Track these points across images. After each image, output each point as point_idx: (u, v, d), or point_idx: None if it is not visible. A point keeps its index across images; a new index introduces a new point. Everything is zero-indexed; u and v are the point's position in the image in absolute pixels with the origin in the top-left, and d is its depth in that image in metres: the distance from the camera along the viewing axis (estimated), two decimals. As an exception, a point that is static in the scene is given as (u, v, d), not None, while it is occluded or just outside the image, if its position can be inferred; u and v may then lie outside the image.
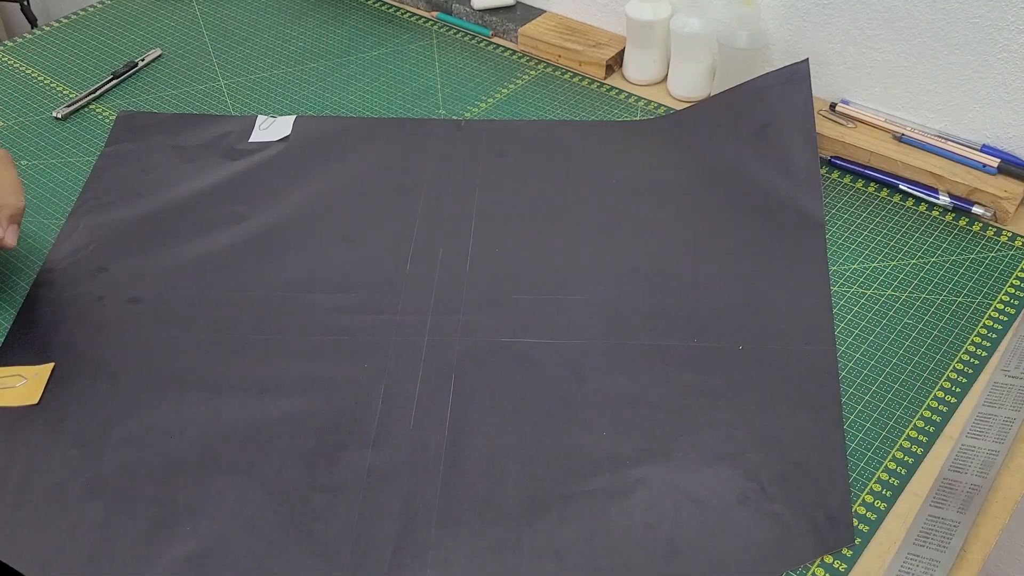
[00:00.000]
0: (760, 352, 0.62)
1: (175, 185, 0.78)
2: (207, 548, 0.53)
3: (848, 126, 0.78)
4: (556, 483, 0.55)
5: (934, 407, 0.59)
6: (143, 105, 0.89)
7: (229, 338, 0.65)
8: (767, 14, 0.81)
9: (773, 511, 0.53)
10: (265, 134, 0.83)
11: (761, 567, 0.51)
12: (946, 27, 0.72)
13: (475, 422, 0.59)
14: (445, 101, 0.87)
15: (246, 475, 0.56)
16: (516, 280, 0.68)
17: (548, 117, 0.84)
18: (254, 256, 0.71)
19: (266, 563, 0.52)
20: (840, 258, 0.69)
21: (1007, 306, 0.65)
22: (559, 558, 0.52)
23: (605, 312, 0.65)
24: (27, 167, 0.82)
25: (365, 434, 0.58)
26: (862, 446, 0.57)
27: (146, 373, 0.63)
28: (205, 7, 1.04)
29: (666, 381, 0.60)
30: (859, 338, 0.63)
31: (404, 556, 0.52)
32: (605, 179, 0.76)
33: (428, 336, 0.64)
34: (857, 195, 0.75)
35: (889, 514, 0.54)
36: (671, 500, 0.54)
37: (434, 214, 0.74)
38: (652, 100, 0.86)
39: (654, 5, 0.83)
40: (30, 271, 0.71)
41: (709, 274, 0.68)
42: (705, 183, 0.75)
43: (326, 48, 0.96)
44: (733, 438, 0.57)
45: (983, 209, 0.71)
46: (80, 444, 0.59)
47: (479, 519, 0.54)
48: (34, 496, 0.56)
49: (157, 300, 0.68)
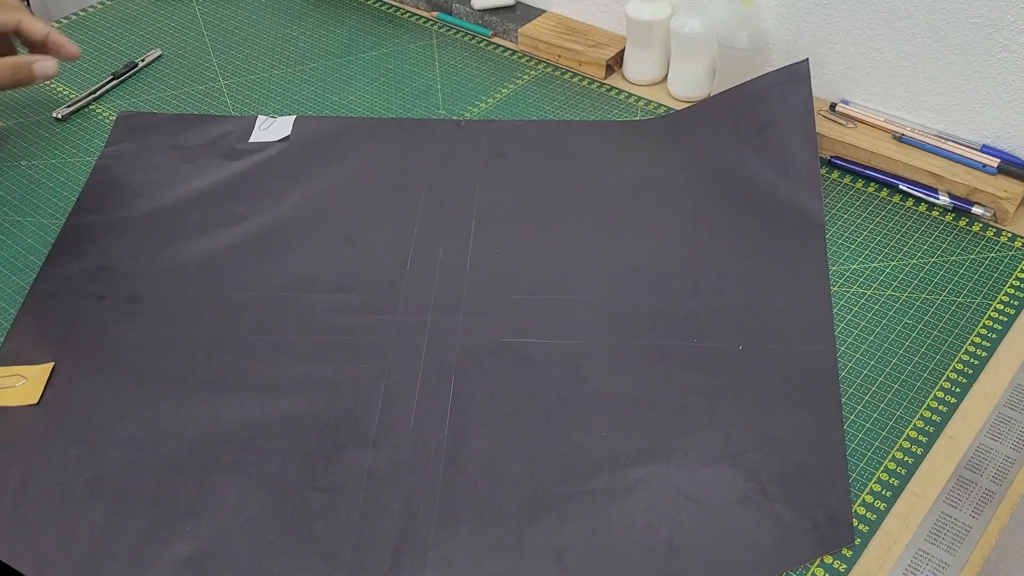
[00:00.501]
0: (760, 352, 0.62)
1: (175, 185, 0.78)
2: (207, 548, 0.53)
3: (848, 126, 0.78)
4: (556, 483, 0.55)
5: (934, 407, 0.59)
6: (143, 105, 0.89)
7: (229, 338, 0.65)
8: (767, 14, 0.81)
9: (773, 511, 0.53)
10: (265, 134, 0.83)
11: (761, 567, 0.51)
12: (946, 27, 0.72)
13: (475, 422, 0.59)
14: (445, 101, 0.87)
15: (246, 475, 0.56)
16: (516, 280, 0.68)
17: (548, 117, 0.84)
18: (254, 256, 0.71)
19: (266, 563, 0.52)
20: (840, 258, 0.69)
21: (1007, 306, 0.65)
22: (559, 558, 0.52)
23: (605, 312, 0.65)
24: (27, 167, 0.82)
25: (365, 434, 0.58)
26: (862, 446, 0.57)
27: (146, 373, 0.63)
28: (205, 7, 1.05)
29: (666, 381, 0.60)
30: (859, 338, 0.63)
31: (404, 556, 0.52)
32: (605, 179, 0.76)
33: (428, 336, 0.64)
34: (857, 195, 0.75)
35: (889, 514, 0.54)
36: (671, 500, 0.54)
37: (434, 214, 0.74)
38: (652, 100, 0.86)
39: (654, 5, 0.83)
40: (30, 271, 0.71)
41: (709, 274, 0.68)
42: (705, 183, 0.75)
43: (326, 48, 0.96)
44: (733, 438, 0.57)
45: (983, 209, 0.71)
46: (80, 444, 0.59)
47: (479, 519, 0.54)
48: (34, 496, 0.56)
49: (157, 300, 0.68)
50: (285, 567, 0.52)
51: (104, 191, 0.78)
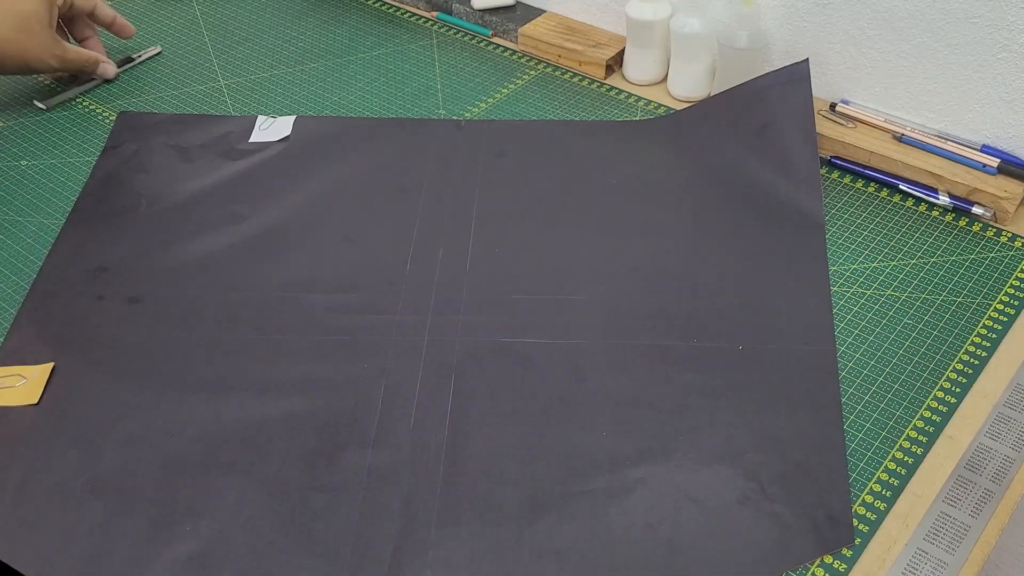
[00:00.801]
0: (760, 352, 0.62)
1: (175, 185, 0.78)
2: (207, 548, 0.53)
3: (848, 126, 0.78)
4: (556, 483, 0.55)
5: (934, 407, 0.59)
6: (143, 105, 0.89)
7: (229, 338, 0.65)
8: (767, 14, 0.81)
9: (773, 511, 0.53)
10: (265, 134, 0.83)
11: (761, 567, 0.51)
12: (946, 27, 0.72)
13: (475, 422, 0.59)
14: (445, 101, 0.87)
15: (246, 475, 0.56)
16: (516, 280, 0.68)
17: (548, 117, 0.84)
18: (254, 256, 0.71)
19: (266, 563, 0.52)
20: (840, 258, 0.69)
21: (1007, 306, 0.65)
22: (559, 558, 0.52)
23: (605, 312, 0.65)
24: (27, 167, 0.82)
25: (365, 434, 0.58)
26: (862, 446, 0.57)
27: (146, 373, 0.63)
28: (205, 7, 1.05)
29: (666, 381, 0.60)
30: (859, 338, 0.63)
31: (404, 556, 0.52)
32: (605, 179, 0.76)
33: (428, 336, 0.64)
34: (857, 195, 0.75)
35: (889, 514, 0.54)
36: (671, 500, 0.54)
37: (434, 214, 0.74)
38: (652, 100, 0.86)
39: (654, 5, 0.84)
40: (30, 271, 0.71)
41: (709, 274, 0.68)
42: (705, 183, 0.75)
43: (326, 48, 0.96)
44: (733, 438, 0.57)
45: (983, 209, 0.71)
46: (80, 444, 0.59)
47: (479, 519, 0.54)
48: (34, 496, 0.56)
49: (157, 300, 0.68)
50: (285, 567, 0.52)
51: (104, 191, 0.78)
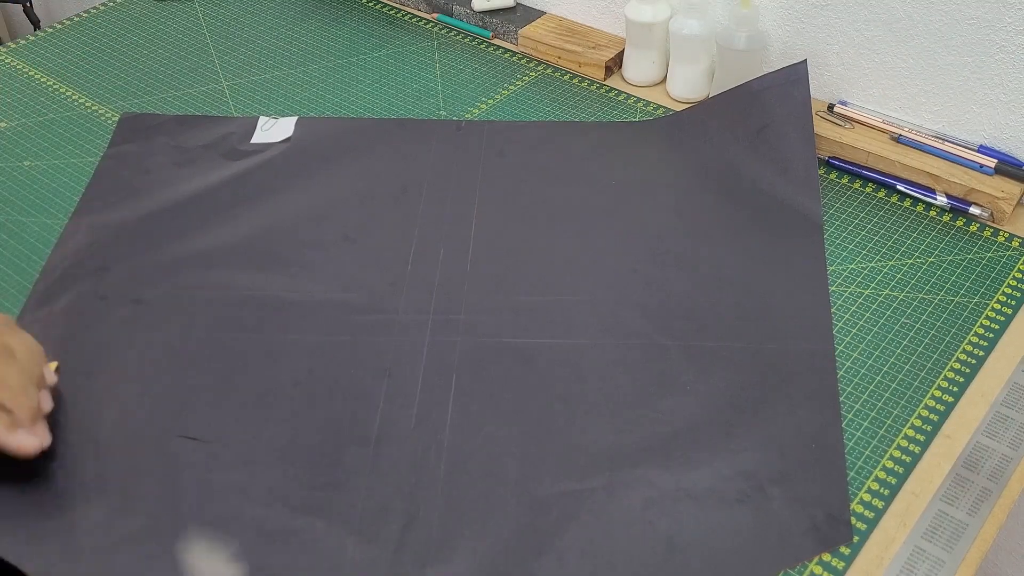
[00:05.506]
0: (759, 351, 0.62)
1: (177, 186, 0.78)
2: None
3: (846, 127, 0.78)
4: (556, 482, 0.56)
5: (931, 406, 0.59)
6: (146, 106, 0.89)
7: (230, 338, 0.65)
8: (766, 15, 0.81)
9: (772, 509, 0.54)
10: (267, 135, 0.84)
11: (760, 565, 0.51)
12: (944, 29, 0.72)
13: (475, 422, 0.59)
14: (446, 102, 0.88)
15: (248, 475, 0.57)
16: (517, 280, 0.68)
17: (548, 118, 0.85)
18: (256, 256, 0.71)
19: (268, 562, 0.52)
20: (838, 258, 0.70)
21: (1004, 306, 0.66)
22: (559, 557, 0.52)
23: (605, 312, 0.65)
24: (30, 168, 0.82)
25: (366, 434, 0.59)
26: (860, 445, 0.57)
27: (147, 373, 0.63)
28: (207, 9, 1.05)
29: (666, 381, 0.61)
30: (857, 337, 0.64)
31: (404, 556, 0.52)
32: (605, 180, 0.77)
33: (429, 336, 0.64)
34: (855, 195, 0.75)
35: (887, 512, 0.54)
36: (670, 498, 0.54)
37: (435, 215, 0.74)
38: (651, 101, 0.86)
39: (653, 7, 0.84)
40: (32, 271, 0.71)
41: (708, 274, 0.68)
42: (704, 183, 0.76)
43: (327, 50, 0.97)
44: (732, 436, 0.57)
45: (980, 209, 0.72)
46: (82, 444, 0.59)
47: (480, 518, 0.54)
48: (37, 495, 0.56)
49: (159, 300, 0.68)
50: (287, 566, 0.52)
51: (106, 191, 0.78)
